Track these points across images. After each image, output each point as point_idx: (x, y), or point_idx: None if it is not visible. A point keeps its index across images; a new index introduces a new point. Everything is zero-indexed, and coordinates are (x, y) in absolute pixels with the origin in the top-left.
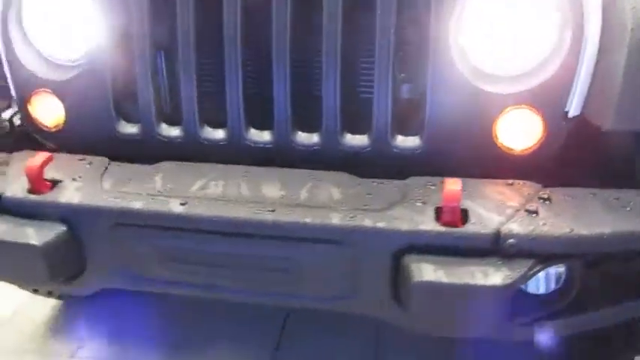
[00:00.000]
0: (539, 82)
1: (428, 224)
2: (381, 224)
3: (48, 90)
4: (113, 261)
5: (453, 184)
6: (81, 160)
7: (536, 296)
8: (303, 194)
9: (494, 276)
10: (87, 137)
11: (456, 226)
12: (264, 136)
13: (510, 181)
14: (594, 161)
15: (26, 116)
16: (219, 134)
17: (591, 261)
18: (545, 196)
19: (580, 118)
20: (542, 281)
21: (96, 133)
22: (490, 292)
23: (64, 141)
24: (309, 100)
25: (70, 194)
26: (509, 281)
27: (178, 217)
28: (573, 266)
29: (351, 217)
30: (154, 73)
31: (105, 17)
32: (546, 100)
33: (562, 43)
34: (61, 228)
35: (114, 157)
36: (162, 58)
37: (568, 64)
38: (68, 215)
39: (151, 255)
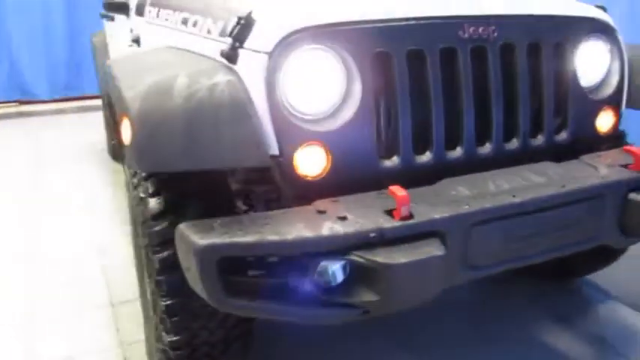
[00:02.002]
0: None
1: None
2: (620, 177)
3: (316, 142)
4: (467, 256)
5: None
6: (381, 193)
7: None
8: (554, 176)
9: None
10: (348, 179)
11: None
12: (487, 148)
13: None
14: None
15: (292, 170)
16: (458, 152)
17: None
18: None
19: None
20: None
21: (358, 173)
22: None
23: (323, 185)
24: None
25: (443, 210)
26: None
27: (521, 205)
28: None
29: (603, 177)
30: (412, 114)
31: (370, 80)
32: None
33: None
34: (436, 239)
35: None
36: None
37: None
38: (442, 228)
39: (498, 241)
